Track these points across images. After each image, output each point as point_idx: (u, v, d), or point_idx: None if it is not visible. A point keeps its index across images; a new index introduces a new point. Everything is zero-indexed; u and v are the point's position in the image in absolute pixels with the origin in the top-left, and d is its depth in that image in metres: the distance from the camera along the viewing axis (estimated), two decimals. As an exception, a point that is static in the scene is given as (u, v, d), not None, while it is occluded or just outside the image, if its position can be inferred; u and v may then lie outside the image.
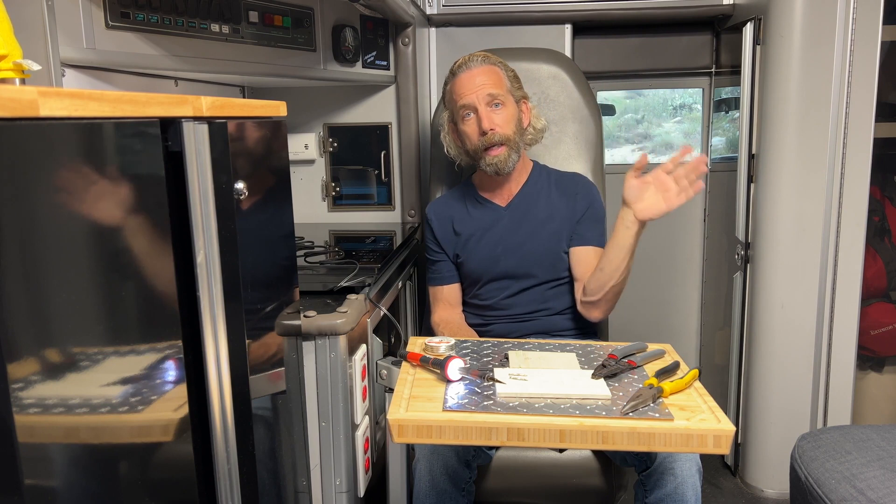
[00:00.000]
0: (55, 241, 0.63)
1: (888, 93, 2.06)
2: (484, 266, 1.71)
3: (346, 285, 1.46)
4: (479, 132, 1.62)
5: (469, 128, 1.65)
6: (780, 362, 2.09)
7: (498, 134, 1.61)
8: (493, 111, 1.62)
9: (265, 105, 1.09)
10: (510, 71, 1.70)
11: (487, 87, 1.62)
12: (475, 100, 1.62)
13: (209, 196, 0.86)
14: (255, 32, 1.70)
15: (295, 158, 2.28)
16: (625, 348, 1.32)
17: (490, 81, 1.63)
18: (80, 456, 0.68)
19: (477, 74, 1.63)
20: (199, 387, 0.88)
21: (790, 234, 2.03)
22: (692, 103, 2.77)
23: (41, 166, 0.60)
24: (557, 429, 1.06)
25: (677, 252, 2.73)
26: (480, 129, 1.62)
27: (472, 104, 1.62)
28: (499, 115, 1.63)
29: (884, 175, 2.19)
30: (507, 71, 1.69)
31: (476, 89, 1.62)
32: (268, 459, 1.11)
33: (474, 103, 1.62)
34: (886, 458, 1.41)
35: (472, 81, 1.63)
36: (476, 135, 1.63)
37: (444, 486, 1.39)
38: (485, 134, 1.61)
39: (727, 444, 1.05)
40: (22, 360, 0.58)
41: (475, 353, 1.34)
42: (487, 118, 1.61)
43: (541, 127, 1.74)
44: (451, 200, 1.80)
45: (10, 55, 0.95)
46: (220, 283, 0.88)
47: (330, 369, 1.34)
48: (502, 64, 1.69)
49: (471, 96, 1.62)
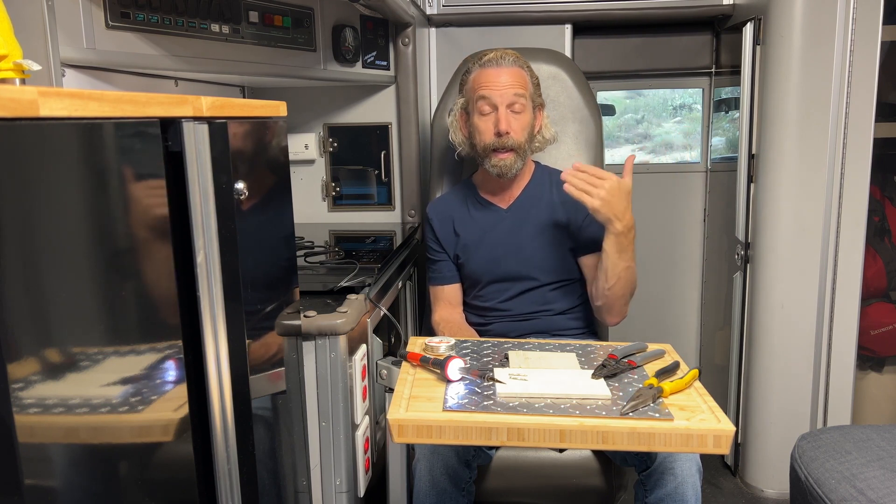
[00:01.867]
0: (55, 241, 0.63)
1: (888, 93, 2.06)
2: (485, 268, 1.71)
3: (346, 285, 1.46)
4: (495, 132, 1.61)
5: (484, 124, 1.63)
6: (780, 362, 2.09)
7: (511, 139, 1.61)
8: (512, 115, 1.61)
9: (265, 105, 1.09)
10: (535, 77, 1.69)
11: (514, 88, 1.61)
12: (499, 99, 1.61)
13: (209, 196, 0.86)
14: (255, 32, 1.70)
15: (295, 158, 2.28)
16: (625, 348, 1.32)
17: (517, 83, 1.62)
18: (80, 456, 0.68)
19: (506, 73, 1.62)
20: (199, 387, 0.88)
21: (790, 234, 2.03)
22: (692, 103, 2.77)
23: (41, 166, 0.60)
24: (557, 429, 1.06)
25: (677, 252, 2.73)
26: (497, 130, 1.61)
27: (495, 102, 1.61)
28: (517, 120, 1.62)
29: (884, 175, 2.19)
30: (532, 77, 1.68)
31: (502, 88, 1.61)
32: (268, 459, 1.11)
33: (497, 102, 1.61)
34: (886, 458, 1.41)
35: (500, 79, 1.62)
36: (490, 133, 1.62)
37: (445, 486, 1.39)
38: (500, 135, 1.61)
39: (727, 444, 1.05)
40: (22, 360, 0.58)
41: (475, 353, 1.34)
42: (506, 120, 1.60)
43: (549, 137, 1.74)
44: (451, 201, 1.80)
45: (10, 55, 0.95)
46: (220, 283, 0.88)
47: (330, 369, 1.34)
48: (529, 69, 1.68)
49: (495, 93, 1.61)
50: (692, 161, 2.75)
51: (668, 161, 2.82)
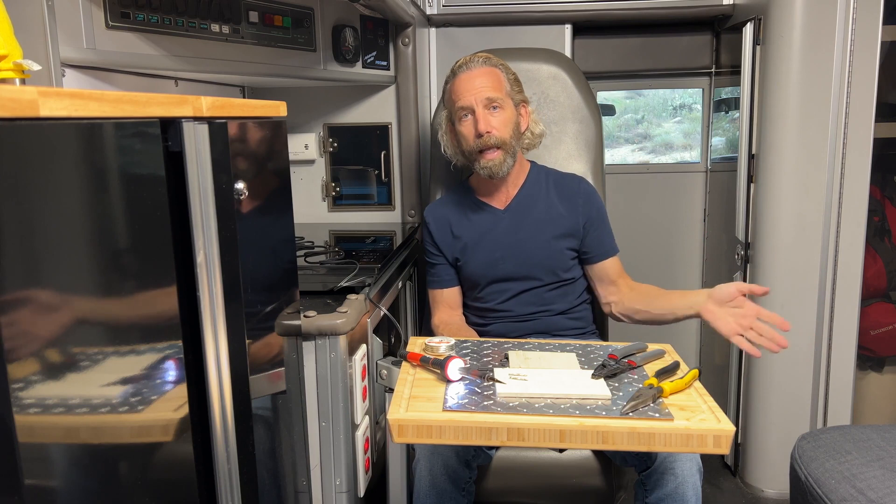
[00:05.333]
0: (55, 241, 0.63)
1: (888, 93, 2.06)
2: (484, 270, 1.71)
3: (346, 285, 1.46)
4: (476, 134, 1.61)
5: (466, 129, 1.64)
6: (780, 362, 2.09)
7: (494, 136, 1.60)
8: (490, 113, 1.61)
9: (265, 105, 1.09)
10: (511, 74, 1.69)
11: (486, 89, 1.61)
12: (473, 101, 1.61)
13: (209, 196, 0.86)
14: (255, 32, 1.70)
15: (295, 158, 2.28)
16: (625, 348, 1.32)
17: (489, 84, 1.62)
18: (80, 456, 0.68)
19: (477, 76, 1.63)
20: (199, 387, 0.88)
21: (790, 234, 2.03)
22: (692, 103, 2.77)
23: (41, 166, 0.60)
24: (557, 429, 1.06)
25: (677, 252, 2.73)
26: (476, 131, 1.61)
27: (470, 105, 1.61)
28: (496, 117, 1.62)
29: (884, 175, 2.19)
30: (507, 73, 1.68)
31: (475, 91, 1.61)
32: (268, 459, 1.11)
33: (472, 105, 1.61)
34: (886, 458, 1.41)
35: (472, 83, 1.62)
36: (472, 136, 1.62)
37: (445, 486, 1.39)
38: (481, 136, 1.61)
39: (727, 444, 1.05)
40: (22, 360, 0.58)
41: (475, 353, 1.34)
42: (484, 120, 1.60)
43: (539, 132, 1.74)
44: (448, 204, 1.80)
45: (10, 55, 0.95)
46: (220, 283, 0.88)
47: (330, 369, 1.34)
48: (503, 66, 1.68)
49: (469, 98, 1.61)
50: (692, 161, 2.75)
51: (668, 161, 2.82)
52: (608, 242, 1.73)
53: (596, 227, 1.71)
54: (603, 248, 1.72)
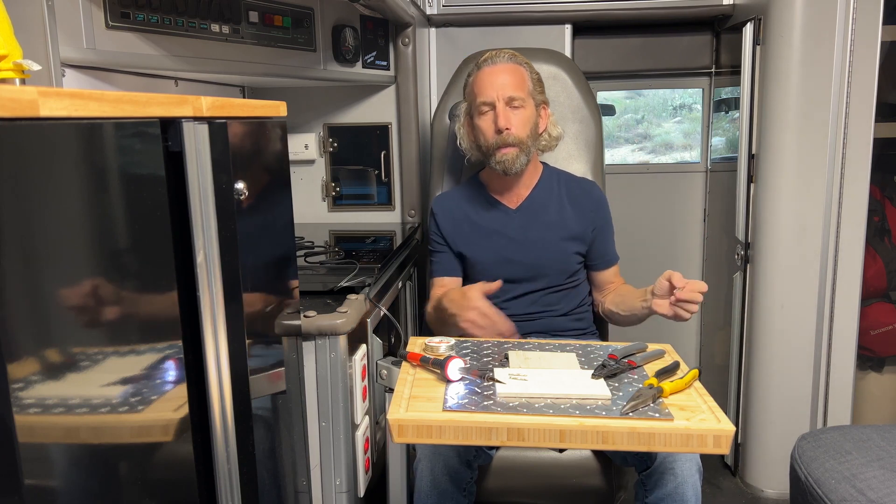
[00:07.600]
0: (55, 241, 0.63)
1: (888, 93, 2.06)
2: (492, 267, 1.70)
3: (346, 285, 1.46)
4: (495, 129, 1.61)
5: (485, 123, 1.64)
6: (779, 362, 2.09)
7: (513, 135, 1.61)
8: (511, 111, 1.62)
9: (265, 105, 1.09)
10: (535, 73, 1.69)
11: (509, 87, 1.61)
12: (495, 97, 1.61)
13: (209, 196, 0.86)
14: (255, 32, 1.70)
15: (295, 158, 2.28)
16: (625, 348, 1.32)
17: (513, 81, 1.62)
18: (80, 456, 0.68)
19: (501, 72, 1.63)
20: (199, 387, 0.88)
21: (790, 234, 2.03)
22: (692, 103, 2.77)
23: (41, 166, 0.60)
24: (557, 429, 1.06)
25: (677, 252, 2.73)
26: (496, 127, 1.61)
27: (492, 101, 1.61)
28: (516, 115, 1.62)
29: (884, 175, 2.19)
30: (531, 73, 1.68)
31: (497, 87, 1.61)
32: (268, 459, 1.11)
33: (493, 100, 1.61)
34: (886, 458, 1.41)
35: (495, 78, 1.62)
36: (491, 132, 1.62)
37: (446, 487, 1.39)
38: (500, 132, 1.61)
39: (727, 444, 1.05)
40: (22, 360, 0.58)
41: (475, 353, 1.34)
42: (504, 116, 1.60)
43: (556, 134, 1.74)
44: (459, 197, 1.79)
45: (10, 55, 0.95)
46: (220, 283, 0.88)
47: (330, 369, 1.34)
48: (528, 65, 1.68)
49: (491, 93, 1.61)
50: (692, 161, 2.75)
51: (667, 161, 2.82)
52: (611, 252, 1.76)
53: (602, 236, 1.72)
54: (605, 259, 1.75)
